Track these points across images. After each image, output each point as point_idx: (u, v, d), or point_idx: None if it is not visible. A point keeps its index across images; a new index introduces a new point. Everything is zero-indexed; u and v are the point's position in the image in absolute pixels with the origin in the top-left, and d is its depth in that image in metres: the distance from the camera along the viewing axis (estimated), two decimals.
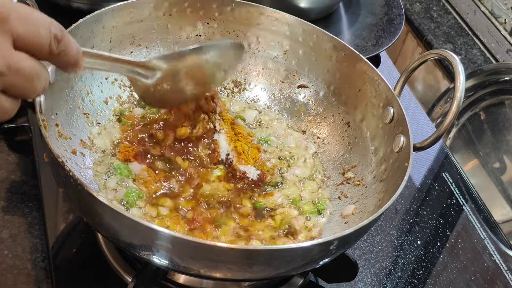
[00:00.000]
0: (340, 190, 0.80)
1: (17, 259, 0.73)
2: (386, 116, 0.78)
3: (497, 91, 1.23)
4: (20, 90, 0.45)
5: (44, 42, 0.45)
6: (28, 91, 0.45)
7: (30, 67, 0.44)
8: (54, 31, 0.46)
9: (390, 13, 1.22)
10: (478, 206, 0.97)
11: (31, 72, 0.45)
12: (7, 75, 0.42)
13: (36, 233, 0.76)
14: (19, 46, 0.44)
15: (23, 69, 0.44)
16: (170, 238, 0.54)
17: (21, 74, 0.44)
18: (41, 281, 0.71)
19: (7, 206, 0.79)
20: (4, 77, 0.42)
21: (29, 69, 0.44)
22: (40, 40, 0.45)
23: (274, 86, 0.91)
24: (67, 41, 0.48)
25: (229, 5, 0.86)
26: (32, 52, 0.45)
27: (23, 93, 0.45)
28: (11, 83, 0.43)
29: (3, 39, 0.42)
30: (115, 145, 0.78)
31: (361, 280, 0.80)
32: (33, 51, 0.45)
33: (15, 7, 0.43)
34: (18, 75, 0.43)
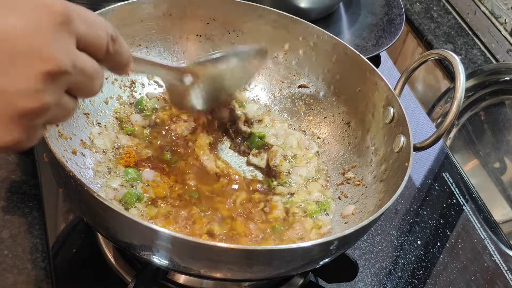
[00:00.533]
0: (340, 190, 0.80)
1: (17, 259, 0.73)
2: (386, 116, 0.78)
3: (497, 91, 1.23)
4: (82, 89, 0.45)
5: (103, 42, 0.46)
6: (89, 90, 0.46)
7: (91, 66, 0.45)
8: (110, 31, 0.47)
9: (390, 13, 1.22)
10: (478, 206, 0.97)
11: (93, 71, 0.45)
12: (72, 74, 0.43)
13: (36, 233, 0.76)
14: (81, 46, 0.44)
15: (87, 69, 0.44)
16: (170, 238, 0.54)
17: (85, 73, 0.44)
18: (41, 281, 0.71)
19: (7, 206, 0.79)
20: (70, 76, 0.42)
21: (91, 68, 0.45)
22: (100, 41, 0.46)
23: (274, 86, 0.91)
24: (121, 41, 0.49)
25: (229, 5, 0.86)
26: (92, 52, 0.45)
27: (85, 92, 0.46)
28: (75, 82, 0.44)
29: (69, 40, 0.42)
30: (115, 148, 0.78)
31: (361, 280, 0.80)
32: (93, 51, 0.45)
33: (76, 8, 0.44)
34: (82, 74, 0.44)
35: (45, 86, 0.40)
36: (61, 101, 0.43)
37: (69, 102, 0.45)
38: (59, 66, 0.41)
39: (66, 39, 0.42)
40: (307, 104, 0.89)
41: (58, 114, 0.44)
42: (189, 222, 0.71)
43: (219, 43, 0.89)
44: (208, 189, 0.76)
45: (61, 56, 0.41)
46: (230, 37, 0.89)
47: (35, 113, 0.41)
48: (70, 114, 0.46)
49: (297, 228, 0.74)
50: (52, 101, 0.42)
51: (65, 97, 0.44)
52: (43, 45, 0.40)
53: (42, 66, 0.40)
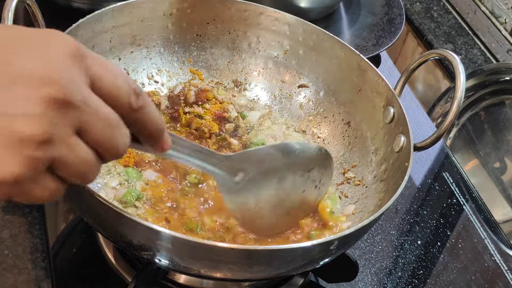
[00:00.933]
0: (341, 190, 0.80)
1: (17, 259, 0.73)
2: (387, 116, 0.78)
3: (497, 91, 1.23)
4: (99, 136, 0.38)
5: (123, 92, 0.40)
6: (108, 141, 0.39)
7: (109, 113, 0.39)
8: (133, 85, 0.41)
9: (390, 13, 1.22)
10: (479, 206, 0.97)
11: (109, 117, 0.39)
12: (82, 111, 0.37)
13: (37, 233, 0.76)
14: (96, 91, 0.39)
15: (102, 112, 0.38)
16: (170, 238, 0.54)
17: (99, 116, 0.38)
18: (41, 281, 0.71)
19: (7, 206, 0.79)
20: (80, 113, 0.37)
21: (108, 114, 0.39)
22: (119, 89, 0.40)
23: (275, 86, 0.91)
24: (147, 100, 0.42)
25: (229, 4, 0.86)
26: (110, 101, 0.39)
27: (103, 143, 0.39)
28: (88, 123, 0.37)
29: (82, 75, 0.38)
30: None
31: (361, 280, 0.80)
32: (110, 100, 0.39)
33: (92, 52, 0.39)
34: (96, 116, 0.38)
35: (48, 112, 0.35)
36: (69, 140, 0.37)
37: (83, 149, 0.38)
38: (66, 94, 0.36)
39: (77, 72, 0.37)
40: (307, 104, 0.89)
41: (66, 156, 0.37)
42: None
43: (219, 43, 0.89)
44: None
45: (69, 86, 0.36)
46: (230, 37, 0.89)
47: (34, 141, 0.35)
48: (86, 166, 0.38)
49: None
50: (56, 133, 0.36)
51: (75, 138, 0.38)
52: (51, 70, 0.36)
53: (46, 91, 0.35)
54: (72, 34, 0.72)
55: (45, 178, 0.37)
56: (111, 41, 0.80)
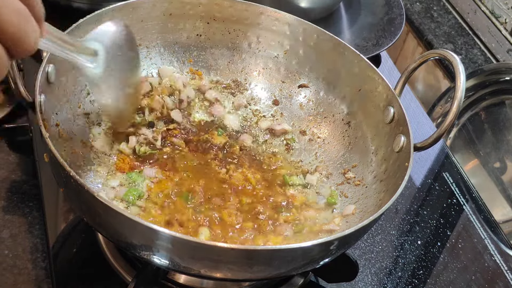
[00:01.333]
0: (341, 190, 0.80)
1: (17, 259, 0.73)
2: (387, 116, 0.78)
3: (497, 91, 1.23)
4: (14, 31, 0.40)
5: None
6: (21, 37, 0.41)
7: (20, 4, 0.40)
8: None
9: (390, 13, 1.22)
10: (479, 206, 0.97)
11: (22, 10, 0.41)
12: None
13: (37, 233, 0.76)
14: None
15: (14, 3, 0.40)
16: (170, 238, 0.54)
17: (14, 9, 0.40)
18: (41, 281, 0.71)
19: (7, 206, 0.79)
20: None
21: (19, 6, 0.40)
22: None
23: (275, 86, 0.91)
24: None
25: (229, 4, 0.86)
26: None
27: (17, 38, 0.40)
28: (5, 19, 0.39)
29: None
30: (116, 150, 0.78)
31: (361, 280, 0.80)
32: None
33: None
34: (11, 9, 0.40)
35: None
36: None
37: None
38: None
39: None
40: (307, 104, 0.89)
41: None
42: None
43: (219, 43, 0.89)
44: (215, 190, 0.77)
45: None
46: (230, 36, 0.89)
47: None
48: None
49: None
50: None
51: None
52: None
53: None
54: (72, 34, 0.72)
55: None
56: None
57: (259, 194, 0.78)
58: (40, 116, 0.62)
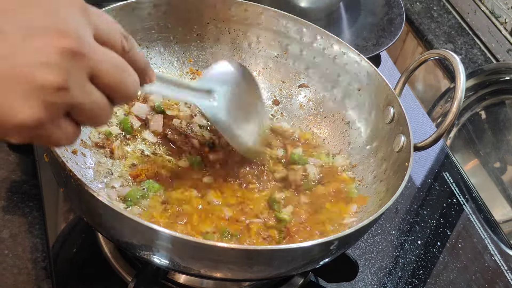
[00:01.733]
0: None
1: (17, 258, 0.73)
2: (387, 116, 0.78)
3: (497, 91, 1.23)
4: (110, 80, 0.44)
5: (118, 37, 0.46)
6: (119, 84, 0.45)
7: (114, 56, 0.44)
8: (122, 30, 0.47)
9: (390, 13, 1.22)
10: (479, 206, 0.97)
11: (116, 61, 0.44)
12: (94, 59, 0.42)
13: (37, 233, 0.76)
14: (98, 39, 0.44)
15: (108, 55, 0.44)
16: (170, 238, 0.54)
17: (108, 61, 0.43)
18: (41, 280, 0.71)
19: (7, 206, 0.79)
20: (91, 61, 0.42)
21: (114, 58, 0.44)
22: (115, 36, 0.45)
23: (275, 86, 0.91)
24: (133, 42, 0.49)
25: (229, 4, 0.86)
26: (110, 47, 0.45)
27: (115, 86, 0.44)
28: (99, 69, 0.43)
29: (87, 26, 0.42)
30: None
31: (361, 280, 0.80)
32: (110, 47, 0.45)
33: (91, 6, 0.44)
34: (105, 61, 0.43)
35: (64, 61, 0.40)
36: (84, 86, 0.42)
37: (97, 93, 0.43)
38: (79, 45, 0.40)
39: (85, 26, 0.42)
40: (307, 103, 0.89)
41: (83, 101, 0.42)
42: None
43: (219, 43, 0.89)
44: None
45: (81, 37, 0.41)
46: (230, 36, 0.89)
47: (54, 88, 0.39)
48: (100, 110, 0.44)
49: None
50: (72, 80, 0.40)
51: (89, 84, 0.42)
52: (64, 23, 0.40)
53: (62, 42, 0.40)
54: None
55: (64, 122, 0.42)
56: None
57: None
58: None
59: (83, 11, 0.42)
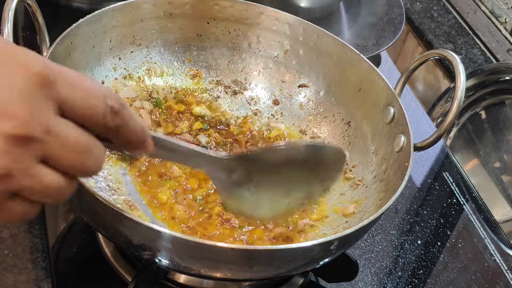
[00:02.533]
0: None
1: (17, 258, 0.73)
2: (387, 115, 0.78)
3: (497, 91, 1.23)
4: (67, 163, 0.38)
5: (97, 112, 0.39)
6: (78, 167, 0.39)
7: (76, 138, 0.38)
8: (110, 102, 0.40)
9: (390, 13, 1.22)
10: (479, 206, 0.97)
11: (78, 143, 0.38)
12: (46, 142, 0.37)
13: (37, 233, 0.76)
14: (67, 115, 0.38)
15: (69, 139, 0.38)
16: (171, 238, 0.54)
17: (66, 145, 0.38)
18: (41, 280, 0.71)
19: None
20: (44, 145, 0.37)
21: (76, 140, 0.38)
22: (92, 110, 0.39)
23: (275, 86, 0.91)
24: (127, 115, 0.41)
25: (229, 4, 0.86)
26: (84, 123, 0.39)
27: (73, 169, 0.39)
28: (53, 153, 0.37)
29: (46, 103, 0.37)
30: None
31: (361, 279, 0.80)
32: (85, 123, 0.39)
33: (64, 71, 0.38)
34: (62, 145, 0.37)
35: (8, 148, 0.35)
36: (32, 171, 0.37)
37: (49, 176, 0.38)
38: (27, 129, 0.35)
39: (41, 102, 0.36)
40: (307, 103, 0.89)
41: (32, 186, 0.37)
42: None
43: (219, 43, 0.89)
44: None
45: (31, 119, 0.35)
46: (230, 36, 0.89)
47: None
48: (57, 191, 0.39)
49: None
50: (16, 167, 0.36)
51: (39, 167, 0.37)
52: (10, 104, 0.35)
53: (5, 127, 0.35)
54: (72, 34, 0.72)
55: (10, 204, 0.37)
56: (111, 41, 0.80)
57: None
58: None
59: (42, 84, 0.36)
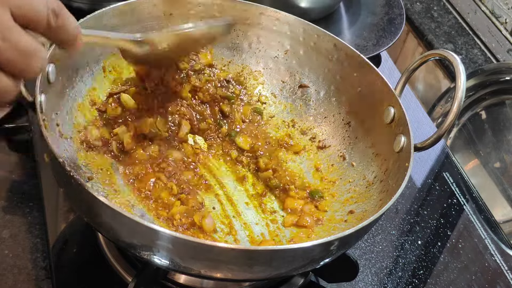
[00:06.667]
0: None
1: (17, 258, 0.73)
2: (387, 116, 0.78)
3: (497, 91, 1.23)
4: (17, 66, 0.44)
5: (42, 15, 0.45)
6: (25, 68, 0.44)
7: (26, 42, 0.44)
8: (52, 5, 0.46)
9: (390, 13, 1.22)
10: (479, 206, 0.97)
11: (27, 47, 0.44)
12: (2, 50, 0.42)
13: (37, 233, 0.76)
14: (17, 20, 0.43)
15: (22, 44, 0.43)
16: (170, 238, 0.54)
17: (19, 49, 0.43)
18: (41, 281, 0.71)
19: (7, 206, 0.79)
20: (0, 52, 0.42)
21: (25, 44, 0.44)
22: (37, 13, 0.44)
23: (275, 86, 0.91)
24: (65, 16, 0.48)
25: (229, 4, 0.86)
26: (29, 25, 0.44)
27: (20, 71, 0.44)
28: (7, 58, 0.43)
29: (3, 10, 0.42)
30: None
31: (361, 280, 0.80)
32: (30, 25, 0.44)
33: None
34: (15, 50, 0.43)
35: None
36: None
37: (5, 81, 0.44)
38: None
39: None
40: (308, 104, 0.89)
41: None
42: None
43: (219, 43, 0.89)
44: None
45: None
46: (231, 37, 0.89)
47: None
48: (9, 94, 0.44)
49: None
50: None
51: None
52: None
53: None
54: None
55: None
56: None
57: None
58: (40, 116, 0.62)
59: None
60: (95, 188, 0.71)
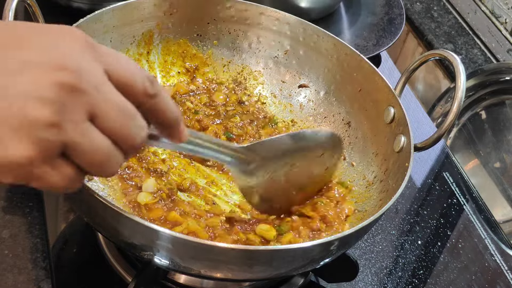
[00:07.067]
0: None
1: (17, 258, 0.73)
2: (387, 116, 0.78)
3: (497, 91, 1.23)
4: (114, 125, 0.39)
5: (138, 79, 0.40)
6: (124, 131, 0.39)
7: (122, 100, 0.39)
8: (146, 72, 0.42)
9: (390, 13, 1.22)
10: (479, 206, 0.97)
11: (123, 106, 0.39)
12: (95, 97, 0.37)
13: (37, 233, 0.76)
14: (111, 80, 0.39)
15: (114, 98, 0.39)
16: (170, 238, 0.54)
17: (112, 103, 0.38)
18: (41, 281, 0.71)
19: (7, 206, 0.79)
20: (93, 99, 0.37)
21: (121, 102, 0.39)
22: (133, 76, 0.40)
23: (275, 86, 0.91)
24: (160, 87, 0.43)
25: (229, 4, 0.86)
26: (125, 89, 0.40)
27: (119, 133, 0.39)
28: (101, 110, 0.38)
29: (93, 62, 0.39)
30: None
31: (361, 280, 0.80)
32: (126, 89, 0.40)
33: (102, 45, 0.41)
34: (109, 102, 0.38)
35: (60, 96, 0.36)
36: (81, 125, 0.37)
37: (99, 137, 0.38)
38: (77, 80, 0.37)
39: (91, 62, 0.38)
40: (308, 104, 0.89)
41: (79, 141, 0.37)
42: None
43: (219, 43, 0.89)
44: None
45: (81, 72, 0.37)
46: (231, 37, 0.89)
47: (45, 123, 0.35)
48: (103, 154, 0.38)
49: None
50: (67, 117, 0.36)
51: (88, 124, 0.37)
52: (63, 57, 0.37)
53: (58, 75, 0.36)
54: None
55: (60, 163, 0.37)
56: (112, 41, 0.80)
57: None
58: None
59: (89, 48, 0.39)
60: (95, 188, 0.71)
